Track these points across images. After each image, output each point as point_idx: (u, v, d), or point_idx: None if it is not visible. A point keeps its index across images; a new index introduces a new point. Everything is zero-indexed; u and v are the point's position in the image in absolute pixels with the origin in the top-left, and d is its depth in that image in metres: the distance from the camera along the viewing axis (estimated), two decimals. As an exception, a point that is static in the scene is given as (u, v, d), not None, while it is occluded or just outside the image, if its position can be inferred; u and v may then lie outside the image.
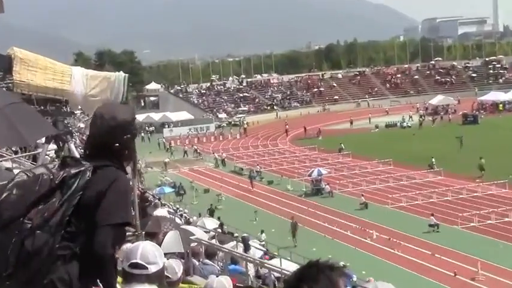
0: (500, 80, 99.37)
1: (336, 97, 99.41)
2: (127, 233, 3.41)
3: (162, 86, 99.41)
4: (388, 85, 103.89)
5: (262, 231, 27.43)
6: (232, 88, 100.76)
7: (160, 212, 13.14)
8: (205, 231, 13.43)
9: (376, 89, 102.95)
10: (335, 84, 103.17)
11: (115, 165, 2.80)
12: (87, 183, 2.70)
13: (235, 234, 18.65)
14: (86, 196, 2.69)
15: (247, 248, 10.95)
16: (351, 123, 73.89)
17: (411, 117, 73.74)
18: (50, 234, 2.59)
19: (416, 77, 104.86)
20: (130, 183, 3.17)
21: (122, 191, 2.73)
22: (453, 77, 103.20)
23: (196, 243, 7.82)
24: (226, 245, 10.08)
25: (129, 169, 3.08)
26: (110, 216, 2.66)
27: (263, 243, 22.63)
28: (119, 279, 2.87)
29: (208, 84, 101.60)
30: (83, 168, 2.72)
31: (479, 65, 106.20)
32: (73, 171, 2.70)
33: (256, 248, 12.36)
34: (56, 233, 2.60)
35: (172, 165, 52.73)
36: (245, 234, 13.50)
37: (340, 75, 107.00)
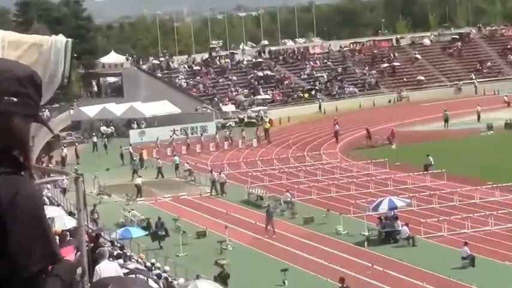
0: None
1: (421, 77, 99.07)
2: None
3: (128, 59, 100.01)
4: (510, 57, 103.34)
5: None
6: (245, 62, 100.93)
7: (106, 267, 13.07)
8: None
9: (488, 63, 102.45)
10: (419, 56, 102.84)
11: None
12: None
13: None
14: None
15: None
16: (446, 121, 73.61)
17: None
18: None
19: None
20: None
21: (30, 212, 2.68)
22: None
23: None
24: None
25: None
26: (26, 261, 2.65)
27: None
28: None
29: (206, 55, 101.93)
30: None
31: None
32: None
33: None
34: None
35: (146, 191, 52.94)
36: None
37: (427, 41, 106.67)
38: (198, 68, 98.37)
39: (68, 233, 23.47)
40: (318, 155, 64.34)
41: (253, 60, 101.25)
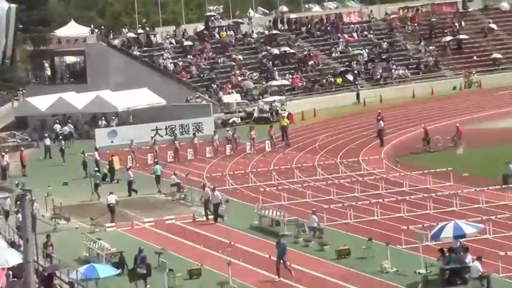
0: None
1: (497, 55, 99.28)
2: None
3: (93, 32, 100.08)
4: None
5: None
6: (255, 36, 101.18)
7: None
8: None
9: None
10: (494, 26, 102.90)
11: None
12: None
13: None
14: None
15: None
16: (532, 115, 73.96)
17: None
18: None
19: None
20: None
21: None
22: None
23: None
24: None
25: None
26: None
27: None
28: None
29: (201, 26, 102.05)
30: None
31: None
32: None
33: None
34: None
35: (118, 214, 53.09)
36: None
37: (505, 4, 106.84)
38: (190, 43, 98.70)
39: (10, 272, 23.06)
40: (356, 162, 64.49)
41: (266, 32, 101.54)
